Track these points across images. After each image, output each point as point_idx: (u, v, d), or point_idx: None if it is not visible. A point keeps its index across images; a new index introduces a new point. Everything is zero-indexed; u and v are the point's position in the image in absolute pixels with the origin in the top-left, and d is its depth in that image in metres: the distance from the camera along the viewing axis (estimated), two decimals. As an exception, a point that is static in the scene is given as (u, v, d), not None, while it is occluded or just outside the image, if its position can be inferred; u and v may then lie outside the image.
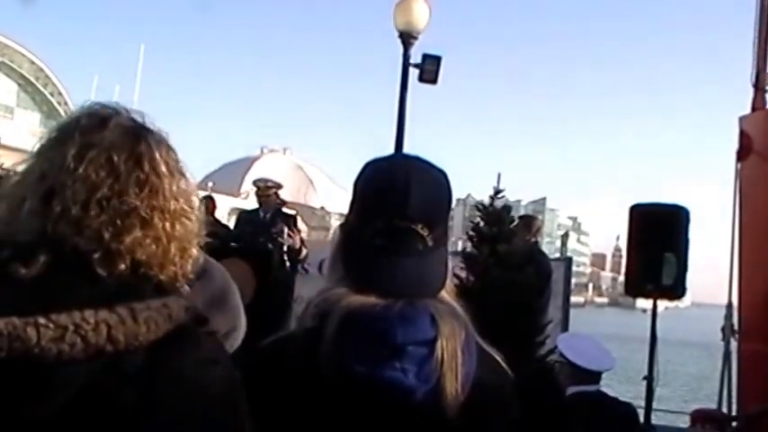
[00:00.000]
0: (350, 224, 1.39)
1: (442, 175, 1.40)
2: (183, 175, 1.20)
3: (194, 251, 1.21)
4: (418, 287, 1.31)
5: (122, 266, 1.10)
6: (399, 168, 1.37)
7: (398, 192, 1.32)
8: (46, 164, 1.13)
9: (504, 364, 1.41)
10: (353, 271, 1.33)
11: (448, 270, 1.39)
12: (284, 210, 8.49)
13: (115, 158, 1.12)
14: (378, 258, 1.32)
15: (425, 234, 1.32)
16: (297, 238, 7.85)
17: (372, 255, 1.32)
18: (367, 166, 1.41)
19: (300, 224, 8.66)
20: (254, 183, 8.57)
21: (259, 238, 7.98)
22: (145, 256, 1.12)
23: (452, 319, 1.30)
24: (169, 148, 1.19)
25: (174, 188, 1.17)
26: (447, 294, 1.35)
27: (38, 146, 1.17)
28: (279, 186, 8.48)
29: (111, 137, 1.14)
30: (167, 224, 1.15)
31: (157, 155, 1.16)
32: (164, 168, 1.16)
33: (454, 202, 1.46)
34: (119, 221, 1.11)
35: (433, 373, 1.26)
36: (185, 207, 1.18)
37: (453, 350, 1.28)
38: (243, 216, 8.88)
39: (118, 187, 1.12)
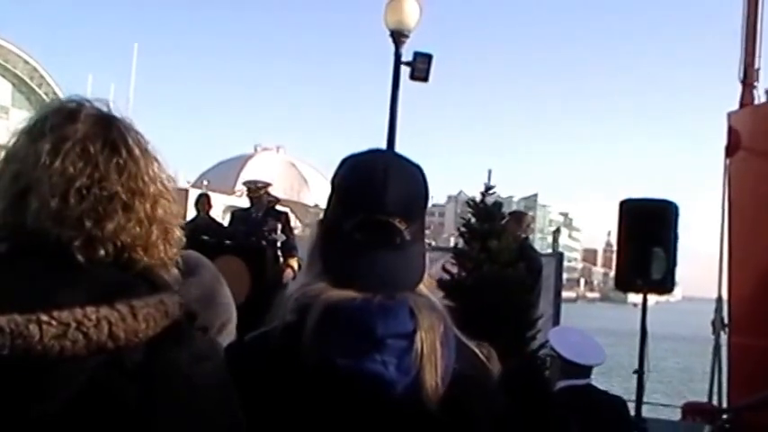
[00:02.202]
0: (328, 219, 1.39)
1: (418, 170, 1.41)
2: (155, 158, 1.21)
3: (177, 232, 1.22)
4: (396, 281, 1.32)
5: (103, 252, 1.11)
6: (377, 163, 1.38)
7: (376, 186, 1.33)
8: (18, 164, 1.14)
9: (483, 358, 1.42)
10: (332, 265, 1.34)
11: (425, 264, 1.39)
12: (277, 207, 8.53)
13: (91, 148, 1.14)
14: (356, 252, 1.33)
15: (403, 228, 1.33)
16: (289, 272, 7.89)
17: (351, 249, 1.33)
18: (345, 161, 1.41)
19: (294, 221, 8.69)
20: (245, 184, 8.64)
21: (251, 236, 8.02)
22: (129, 239, 1.14)
23: (431, 313, 1.31)
24: (138, 133, 1.20)
25: (150, 171, 1.18)
26: (425, 288, 1.37)
27: (7, 150, 1.17)
28: (268, 185, 8.53)
29: (84, 128, 1.15)
30: (148, 206, 1.16)
31: (130, 140, 1.18)
32: (138, 152, 1.18)
33: (446, 199, 1.48)
34: (100, 208, 1.12)
35: (412, 366, 1.27)
36: (162, 189, 1.20)
37: (432, 343, 1.28)
38: (236, 214, 8.91)
39: (98, 175, 1.13)
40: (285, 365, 1.28)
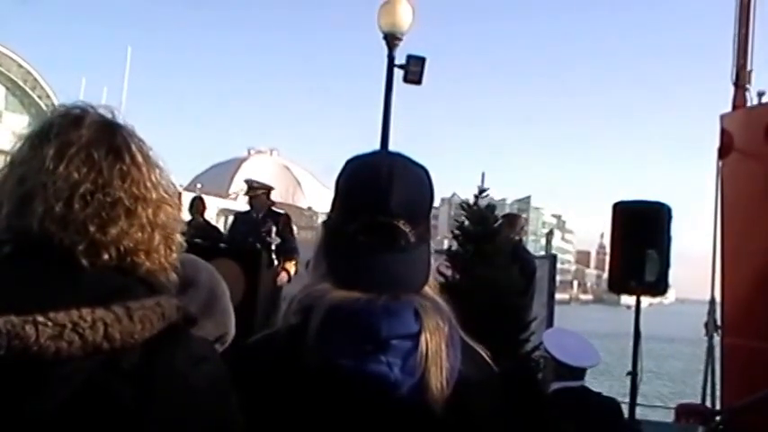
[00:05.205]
0: (332, 221, 1.39)
1: (423, 171, 1.40)
2: (157, 164, 1.23)
3: (178, 238, 1.23)
4: (401, 283, 1.32)
5: (107, 257, 1.12)
6: (382, 165, 1.37)
7: (381, 188, 1.32)
8: (23, 168, 1.15)
9: (488, 359, 1.42)
10: (337, 267, 1.34)
11: (430, 266, 1.39)
12: (276, 209, 8.54)
13: (95, 154, 1.15)
14: (360, 254, 1.32)
15: (408, 230, 1.33)
16: (284, 275, 7.87)
17: (355, 251, 1.32)
18: (349, 162, 1.41)
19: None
20: (246, 182, 8.64)
21: (249, 236, 8.04)
22: (131, 244, 1.15)
23: (436, 314, 1.31)
24: (140, 140, 1.22)
25: (153, 177, 1.20)
26: (430, 290, 1.36)
27: (12, 155, 1.18)
28: (269, 188, 8.54)
29: (89, 134, 1.16)
30: (150, 212, 1.18)
31: (133, 146, 1.19)
32: (140, 159, 1.19)
33: (439, 201, 1.47)
34: (104, 214, 1.13)
35: (417, 367, 1.27)
36: (164, 195, 1.21)
37: (437, 344, 1.28)
38: (238, 216, 8.98)
39: (101, 181, 1.14)
40: (289, 367, 1.28)
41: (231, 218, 9.48)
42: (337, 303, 1.28)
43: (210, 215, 11.30)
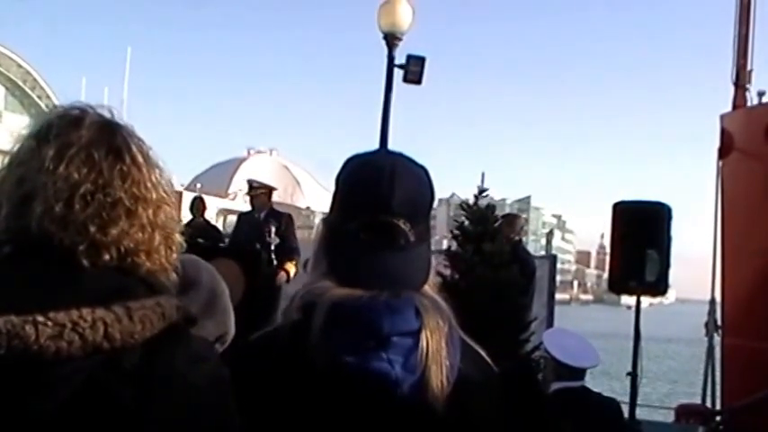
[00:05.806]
0: (333, 219, 1.40)
1: (423, 171, 1.41)
2: (157, 165, 1.23)
3: (178, 238, 1.24)
4: (401, 281, 1.32)
5: (108, 257, 1.13)
6: (383, 164, 1.38)
7: (383, 187, 1.33)
8: (22, 169, 1.15)
9: (487, 358, 1.43)
10: (337, 265, 1.35)
11: (430, 265, 1.40)
12: (277, 209, 8.57)
13: (95, 155, 1.15)
14: (361, 252, 1.33)
15: (408, 229, 1.34)
16: (283, 275, 7.88)
17: (356, 249, 1.33)
18: (349, 160, 1.42)
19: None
20: (249, 182, 8.67)
21: (252, 237, 8.06)
22: (132, 244, 1.15)
23: (436, 312, 1.32)
24: (140, 140, 1.22)
25: (153, 178, 1.20)
26: (429, 289, 1.37)
27: (11, 155, 1.18)
28: (271, 189, 8.56)
29: (88, 134, 1.16)
30: (150, 212, 1.18)
31: (133, 147, 1.20)
32: (141, 159, 1.19)
33: (437, 202, 1.47)
34: (104, 214, 1.13)
35: (418, 365, 1.27)
36: (163, 195, 1.21)
37: (438, 342, 1.29)
38: (241, 217, 9.02)
39: (101, 181, 1.14)
40: (292, 364, 1.29)
41: (231, 218, 9.50)
42: (340, 300, 1.29)
43: (210, 215, 11.34)
